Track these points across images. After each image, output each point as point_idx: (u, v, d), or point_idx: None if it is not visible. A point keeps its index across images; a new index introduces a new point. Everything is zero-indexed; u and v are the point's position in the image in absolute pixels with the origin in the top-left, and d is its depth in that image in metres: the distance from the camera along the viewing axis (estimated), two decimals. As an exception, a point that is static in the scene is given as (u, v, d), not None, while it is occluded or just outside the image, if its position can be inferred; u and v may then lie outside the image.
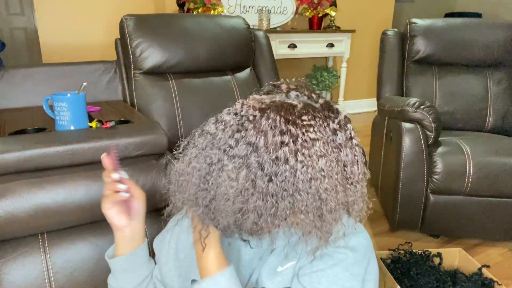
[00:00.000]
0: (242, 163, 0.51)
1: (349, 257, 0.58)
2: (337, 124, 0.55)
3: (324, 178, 0.51)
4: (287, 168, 0.50)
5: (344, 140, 0.55)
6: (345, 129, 0.56)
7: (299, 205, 0.51)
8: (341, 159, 0.54)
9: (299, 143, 0.50)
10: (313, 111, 0.54)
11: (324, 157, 0.51)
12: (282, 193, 0.50)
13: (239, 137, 0.51)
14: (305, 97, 0.57)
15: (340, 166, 0.53)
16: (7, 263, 0.93)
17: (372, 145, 2.26)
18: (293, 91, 0.58)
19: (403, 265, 1.46)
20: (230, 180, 0.51)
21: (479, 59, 2.15)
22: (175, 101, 1.62)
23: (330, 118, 0.55)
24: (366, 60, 4.18)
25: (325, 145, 0.52)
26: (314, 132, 0.52)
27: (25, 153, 0.92)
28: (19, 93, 1.52)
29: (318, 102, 0.57)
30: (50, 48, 2.86)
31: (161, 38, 1.63)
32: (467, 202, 1.68)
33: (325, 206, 0.52)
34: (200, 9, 2.95)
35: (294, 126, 0.51)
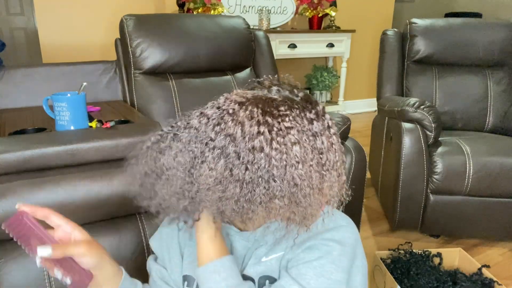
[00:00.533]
0: (220, 153, 0.53)
1: (336, 249, 0.60)
2: (314, 114, 0.57)
3: (298, 164, 0.53)
4: (262, 156, 0.52)
5: (321, 129, 0.57)
6: (323, 119, 0.58)
7: (274, 191, 0.53)
8: (316, 146, 0.56)
9: (274, 132, 0.53)
10: (291, 102, 0.57)
11: (298, 143, 0.53)
12: (258, 180, 0.52)
13: (219, 129, 0.54)
14: (287, 91, 0.60)
15: (315, 153, 0.55)
16: (7, 263, 0.93)
17: (372, 145, 2.26)
18: (275, 86, 0.60)
19: (403, 265, 1.46)
20: (210, 170, 0.53)
21: (479, 59, 2.15)
22: (175, 101, 1.62)
23: (307, 109, 0.57)
24: (366, 60, 4.18)
25: (300, 133, 0.54)
26: (290, 121, 0.54)
27: (25, 153, 0.92)
28: (19, 93, 1.52)
29: (299, 95, 0.59)
30: (50, 48, 2.86)
31: (161, 38, 1.63)
32: (467, 202, 1.68)
33: (299, 191, 0.54)
34: (200, 9, 2.95)
35: (271, 117, 0.54)
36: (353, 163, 1.46)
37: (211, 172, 0.53)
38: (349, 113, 4.13)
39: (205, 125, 0.55)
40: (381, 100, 2.13)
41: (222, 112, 0.55)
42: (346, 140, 1.54)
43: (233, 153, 0.53)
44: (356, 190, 1.49)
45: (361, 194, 1.54)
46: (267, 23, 3.28)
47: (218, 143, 0.53)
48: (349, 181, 1.46)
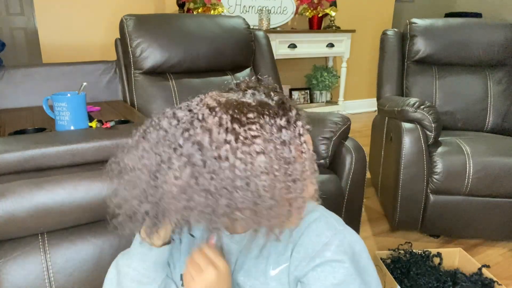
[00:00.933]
0: (187, 161, 0.51)
1: (346, 261, 0.60)
2: (285, 121, 0.56)
3: (262, 174, 0.52)
4: (226, 166, 0.51)
5: (291, 137, 0.55)
6: (294, 126, 0.57)
7: (237, 202, 0.52)
8: (284, 156, 0.54)
9: (240, 140, 0.51)
10: (262, 108, 0.55)
11: (263, 154, 0.52)
12: (221, 190, 0.51)
13: (187, 135, 0.52)
14: (263, 95, 0.58)
15: (282, 163, 0.54)
16: (7, 263, 0.93)
17: (372, 145, 2.26)
18: (250, 89, 0.59)
19: (403, 265, 1.46)
20: (175, 178, 0.52)
21: (479, 59, 2.15)
22: (175, 101, 1.62)
23: (278, 115, 0.55)
24: (366, 60, 4.18)
25: (266, 142, 0.52)
26: (257, 129, 0.52)
27: (25, 153, 0.92)
28: (19, 93, 1.52)
29: (274, 99, 0.58)
30: (50, 48, 2.86)
31: (161, 38, 1.63)
32: (467, 202, 1.68)
33: (262, 202, 0.52)
34: (200, 9, 2.95)
35: (239, 124, 0.52)
36: (353, 163, 1.46)
37: (177, 180, 0.51)
38: (349, 113, 4.13)
39: (174, 128, 0.53)
40: (381, 100, 2.13)
41: (193, 117, 0.53)
42: (346, 140, 1.54)
43: (200, 161, 0.51)
44: (356, 190, 1.49)
45: (361, 194, 1.54)
46: (267, 23, 3.28)
47: (186, 150, 0.51)
48: (349, 181, 1.46)
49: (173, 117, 0.55)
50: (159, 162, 0.53)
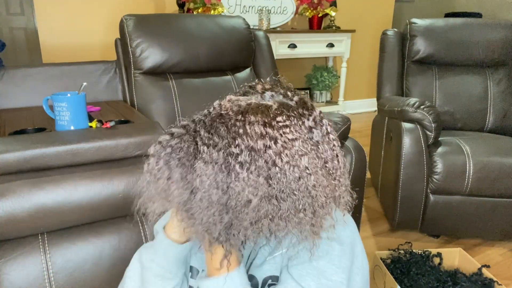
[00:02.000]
0: (257, 171, 0.51)
1: (335, 249, 0.59)
2: (312, 121, 0.56)
3: (310, 175, 0.52)
4: (277, 170, 0.51)
5: (321, 137, 0.56)
6: (321, 125, 0.57)
7: (297, 204, 0.52)
8: (320, 156, 0.55)
9: (279, 144, 0.51)
10: (287, 110, 0.55)
11: (305, 155, 0.52)
12: (281, 194, 0.51)
13: (238, 142, 0.52)
14: (281, 96, 0.58)
15: (321, 162, 0.55)
16: (7, 263, 0.93)
17: (372, 145, 2.26)
18: (268, 91, 0.58)
19: (403, 265, 1.46)
20: (247, 187, 0.51)
21: (479, 59, 2.15)
22: (175, 101, 1.62)
23: (304, 116, 0.56)
24: (366, 60, 4.18)
25: (304, 144, 0.53)
26: (291, 132, 0.53)
27: (25, 153, 0.92)
28: (19, 93, 1.52)
29: (293, 99, 0.57)
30: (50, 48, 2.86)
31: (161, 38, 1.63)
32: (467, 202, 1.68)
33: (316, 202, 0.53)
34: (200, 9, 2.95)
35: (271, 128, 0.52)
36: (353, 163, 1.46)
37: (247, 188, 0.51)
38: (349, 113, 4.13)
39: (215, 151, 0.52)
40: (381, 100, 2.13)
41: (231, 129, 0.52)
42: (346, 140, 1.54)
43: (264, 167, 0.51)
44: (356, 190, 1.49)
45: (361, 194, 1.54)
46: (267, 23, 3.28)
47: (244, 157, 0.51)
48: (349, 181, 1.46)
49: (211, 136, 0.53)
50: (225, 175, 0.51)
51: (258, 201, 0.51)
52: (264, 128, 0.52)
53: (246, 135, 0.51)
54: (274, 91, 0.58)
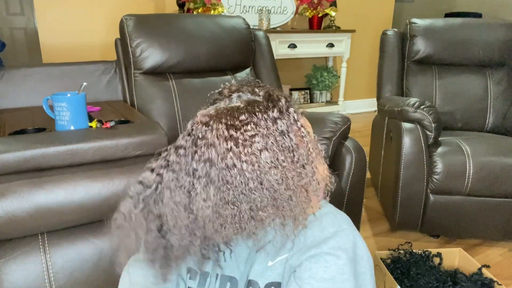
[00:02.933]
0: (206, 181, 0.53)
1: (342, 258, 0.58)
2: (277, 112, 0.56)
3: (271, 169, 0.53)
4: (236, 172, 0.52)
5: (287, 126, 0.56)
6: (287, 114, 0.57)
7: (257, 203, 0.53)
8: (286, 145, 0.55)
9: (240, 144, 0.52)
10: (252, 107, 0.56)
11: (265, 150, 0.53)
12: (240, 196, 0.52)
13: (197, 157, 0.54)
14: (248, 94, 0.59)
15: (286, 153, 0.55)
16: (7, 263, 0.93)
17: (372, 145, 2.26)
18: (235, 93, 0.59)
19: (403, 265, 1.46)
20: (204, 201, 0.53)
21: (479, 59, 2.15)
22: (175, 101, 1.62)
23: (269, 109, 0.56)
24: (366, 60, 4.18)
25: (265, 138, 0.54)
26: (252, 128, 0.53)
27: (25, 153, 0.92)
28: (19, 93, 1.52)
29: (260, 94, 0.58)
30: (50, 48, 2.86)
31: (161, 38, 1.63)
32: (467, 202, 1.68)
33: (280, 196, 0.54)
34: (200, 9, 2.95)
35: (234, 129, 0.53)
36: (353, 163, 1.46)
37: (206, 202, 0.53)
38: (349, 113, 4.13)
39: (184, 156, 0.55)
40: (381, 100, 2.13)
41: (194, 138, 0.55)
42: (346, 140, 1.54)
43: (216, 177, 0.52)
44: (356, 190, 1.49)
45: (361, 194, 1.54)
46: (267, 23, 3.28)
47: (201, 171, 0.53)
48: (349, 181, 1.46)
49: (178, 148, 0.56)
50: (186, 193, 0.54)
51: (211, 212, 0.53)
52: (228, 130, 0.53)
53: (207, 145, 0.53)
54: (241, 91, 0.59)
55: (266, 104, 0.56)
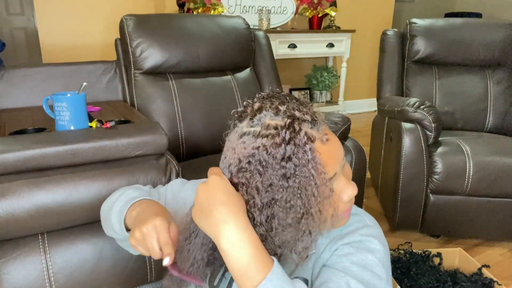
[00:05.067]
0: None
1: (375, 244, 0.60)
2: (291, 147, 0.55)
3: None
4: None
5: (295, 167, 0.56)
6: (303, 151, 0.57)
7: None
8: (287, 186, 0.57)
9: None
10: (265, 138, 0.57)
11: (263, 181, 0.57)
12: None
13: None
14: (271, 113, 0.56)
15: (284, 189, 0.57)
16: (7, 263, 0.93)
17: (372, 145, 2.26)
18: (257, 114, 0.57)
19: (403, 265, 1.46)
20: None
21: (479, 59, 2.15)
22: (175, 101, 1.62)
23: (281, 145, 0.56)
24: (366, 60, 4.18)
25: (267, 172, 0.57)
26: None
27: (25, 153, 0.92)
28: (19, 93, 1.52)
29: (282, 117, 0.56)
30: (50, 48, 2.86)
31: (161, 38, 1.63)
32: (467, 202, 1.68)
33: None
34: (200, 9, 2.95)
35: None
36: (353, 163, 1.46)
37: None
38: (349, 113, 4.13)
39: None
40: (381, 100, 2.13)
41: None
42: (346, 140, 1.54)
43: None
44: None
45: (361, 194, 1.54)
46: (267, 23, 3.28)
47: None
48: (349, 181, 1.46)
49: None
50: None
51: None
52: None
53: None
54: (264, 110, 0.56)
55: (282, 138, 0.53)
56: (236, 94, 1.74)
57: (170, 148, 1.15)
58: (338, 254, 0.59)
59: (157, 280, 1.12)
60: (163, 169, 1.08)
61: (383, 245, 0.61)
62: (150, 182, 1.05)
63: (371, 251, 0.59)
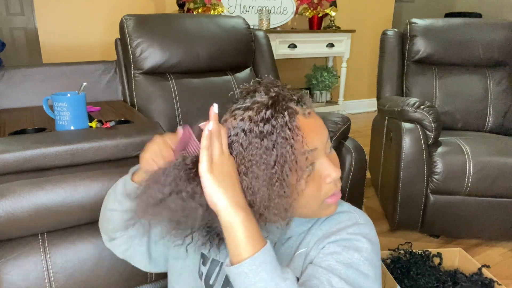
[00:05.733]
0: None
1: (363, 243, 0.60)
2: (270, 126, 0.58)
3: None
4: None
5: (273, 141, 0.58)
6: (282, 130, 0.59)
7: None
8: (265, 160, 0.58)
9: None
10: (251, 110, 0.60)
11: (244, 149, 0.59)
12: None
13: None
14: (263, 93, 0.61)
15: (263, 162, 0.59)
16: (7, 263, 0.93)
17: (372, 145, 2.26)
18: (250, 93, 0.63)
19: (403, 265, 1.46)
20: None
21: (479, 59, 2.15)
22: (175, 101, 1.62)
23: (263, 121, 0.59)
24: (366, 60, 4.18)
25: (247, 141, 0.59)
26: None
27: (25, 153, 0.92)
28: (19, 93, 1.52)
29: (270, 96, 0.61)
30: (50, 48, 2.86)
31: (161, 38, 1.63)
32: (467, 202, 1.68)
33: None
34: (200, 9, 2.95)
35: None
36: (353, 163, 1.46)
37: None
38: (349, 113, 4.13)
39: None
40: (381, 100, 2.13)
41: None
42: (346, 140, 1.54)
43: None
44: (356, 190, 1.49)
45: (361, 194, 1.54)
46: (267, 23, 3.28)
47: None
48: (349, 181, 1.46)
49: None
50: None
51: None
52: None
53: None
54: (257, 91, 0.62)
55: (265, 104, 0.58)
56: (236, 95, 1.74)
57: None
58: (324, 253, 0.60)
59: (157, 280, 1.12)
60: (163, 169, 1.08)
61: (372, 243, 0.62)
62: (150, 182, 1.04)
63: (358, 250, 0.59)
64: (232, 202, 0.53)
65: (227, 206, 0.53)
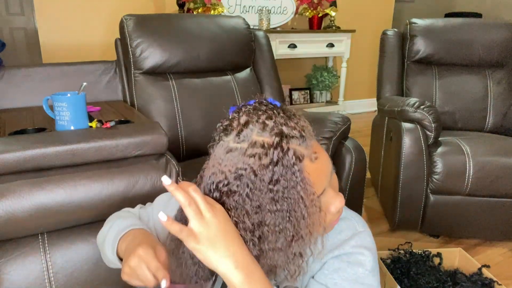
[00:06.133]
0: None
1: (366, 255, 0.61)
2: (280, 168, 0.53)
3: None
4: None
5: (283, 188, 0.54)
6: (291, 171, 0.54)
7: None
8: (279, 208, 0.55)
9: None
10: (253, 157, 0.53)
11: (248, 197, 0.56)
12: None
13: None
14: (258, 128, 0.53)
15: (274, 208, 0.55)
16: (7, 263, 0.93)
17: (372, 145, 2.26)
18: (244, 129, 0.53)
19: (403, 265, 1.46)
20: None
21: (479, 59, 2.15)
22: (175, 101, 1.62)
23: (267, 168, 0.54)
24: (366, 60, 4.18)
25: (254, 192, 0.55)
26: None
27: (25, 153, 0.92)
28: (19, 93, 1.52)
29: (271, 134, 0.54)
30: (50, 48, 2.86)
31: (161, 38, 1.63)
32: (467, 202, 1.68)
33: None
34: (200, 9, 2.95)
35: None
36: (353, 163, 1.46)
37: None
38: (349, 113, 4.13)
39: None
40: (381, 100, 2.13)
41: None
42: (346, 140, 1.54)
43: None
44: (356, 190, 1.49)
45: (361, 194, 1.54)
46: (267, 23, 3.28)
47: None
48: (349, 181, 1.46)
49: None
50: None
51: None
52: None
53: None
54: (251, 124, 0.53)
55: (270, 159, 0.51)
56: (236, 94, 1.74)
57: (170, 148, 1.15)
58: (329, 269, 0.60)
59: (157, 280, 1.12)
60: (163, 169, 1.08)
61: (372, 252, 0.62)
62: (150, 182, 1.05)
63: (362, 264, 0.60)
64: (231, 266, 0.50)
65: (226, 271, 0.50)
